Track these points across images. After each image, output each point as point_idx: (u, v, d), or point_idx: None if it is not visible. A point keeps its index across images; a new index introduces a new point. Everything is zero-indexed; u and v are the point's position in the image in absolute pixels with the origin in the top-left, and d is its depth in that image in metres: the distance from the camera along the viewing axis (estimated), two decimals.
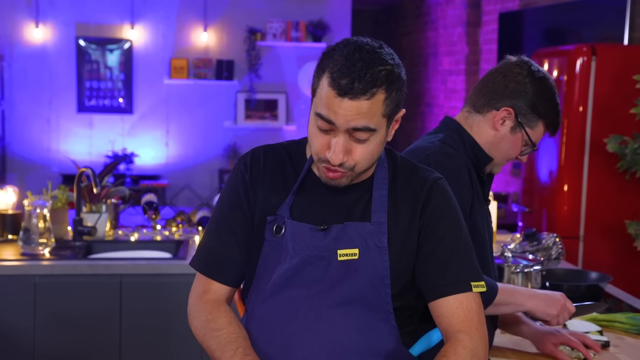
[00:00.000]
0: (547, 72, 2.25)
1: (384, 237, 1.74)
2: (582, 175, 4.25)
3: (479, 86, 2.27)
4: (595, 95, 4.20)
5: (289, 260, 1.75)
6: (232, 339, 1.75)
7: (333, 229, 1.74)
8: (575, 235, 4.27)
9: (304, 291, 1.74)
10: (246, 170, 1.83)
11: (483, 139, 2.24)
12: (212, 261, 1.83)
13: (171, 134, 7.92)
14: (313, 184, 1.80)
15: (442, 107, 7.72)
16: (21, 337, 3.36)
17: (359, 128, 1.65)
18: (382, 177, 1.79)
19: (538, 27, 6.12)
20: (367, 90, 1.63)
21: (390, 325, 1.76)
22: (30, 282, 3.36)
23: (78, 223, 3.70)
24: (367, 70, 1.63)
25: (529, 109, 2.19)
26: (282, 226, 1.77)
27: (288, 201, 1.78)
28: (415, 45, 8.62)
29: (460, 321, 1.74)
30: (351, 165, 1.70)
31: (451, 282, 1.75)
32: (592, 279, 3.04)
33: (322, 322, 1.73)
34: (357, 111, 1.63)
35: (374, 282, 1.74)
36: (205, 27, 7.82)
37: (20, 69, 7.67)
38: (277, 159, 1.83)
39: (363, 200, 1.78)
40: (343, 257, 1.73)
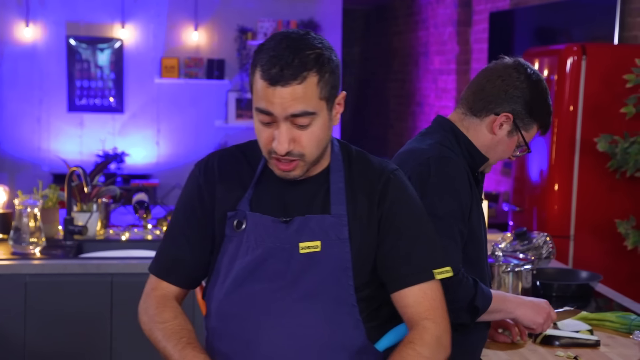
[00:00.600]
0: (539, 73, 2.26)
1: (344, 229, 1.75)
2: (573, 174, 4.26)
3: (476, 89, 2.24)
4: (586, 95, 4.21)
5: (250, 252, 1.76)
6: (177, 330, 1.78)
7: (295, 221, 1.75)
8: (565, 235, 4.28)
9: (266, 284, 1.75)
10: (200, 174, 1.85)
11: (480, 141, 2.23)
12: (164, 263, 1.87)
13: (162, 133, 7.91)
14: (271, 179, 1.80)
15: (432, 106, 7.73)
16: (12, 337, 3.35)
17: (297, 114, 1.67)
18: (338, 170, 1.80)
19: (529, 27, 6.14)
20: (298, 74, 1.65)
21: (355, 319, 1.77)
22: (21, 281, 3.35)
23: (69, 222, 3.69)
24: (294, 56, 1.66)
25: (527, 113, 2.20)
26: (242, 221, 1.77)
27: (247, 196, 1.79)
28: (406, 45, 8.63)
29: (425, 309, 1.76)
30: (300, 153, 1.71)
31: (414, 272, 1.77)
32: (582, 278, 3.05)
33: (286, 316, 1.74)
34: (292, 97, 1.66)
35: (337, 275, 1.75)
36: (196, 26, 7.81)
37: (10, 68, 7.64)
38: (232, 159, 1.85)
39: (321, 193, 1.79)
40: (305, 249, 1.74)
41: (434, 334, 1.74)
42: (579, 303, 2.81)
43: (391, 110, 9.09)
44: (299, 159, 1.72)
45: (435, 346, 1.74)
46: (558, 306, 2.73)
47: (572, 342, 2.31)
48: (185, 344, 1.76)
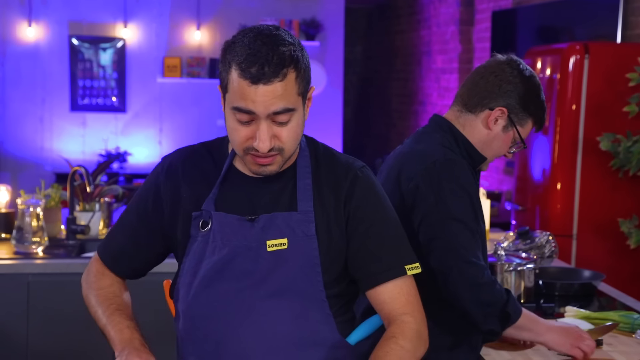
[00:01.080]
0: (532, 70, 2.29)
1: (311, 225, 1.74)
2: (575, 173, 4.26)
3: (470, 85, 2.27)
4: (588, 94, 4.20)
5: (217, 252, 1.75)
6: (109, 297, 1.84)
7: (261, 219, 1.74)
8: (568, 234, 4.28)
9: (234, 284, 1.74)
10: (162, 172, 1.84)
11: (476, 137, 2.25)
12: (110, 250, 1.90)
13: (164, 133, 7.92)
14: (236, 178, 1.79)
15: (435, 105, 7.72)
16: (14, 336, 3.36)
17: (279, 111, 1.66)
18: (305, 166, 1.79)
19: (531, 25, 6.13)
20: (279, 72, 1.63)
21: (325, 314, 1.76)
22: (24, 280, 3.35)
23: (71, 222, 3.70)
24: (272, 53, 1.63)
25: (521, 107, 2.23)
26: (208, 220, 1.76)
27: (212, 195, 1.77)
28: (408, 44, 8.62)
29: (402, 305, 1.77)
30: (279, 147, 1.69)
31: (386, 268, 1.77)
32: (585, 277, 3.05)
33: (255, 314, 1.73)
34: (274, 95, 1.64)
35: (305, 271, 1.74)
36: (199, 25, 7.81)
37: (13, 68, 7.65)
38: (197, 157, 1.84)
39: (288, 190, 1.78)
40: (272, 247, 1.73)
41: (413, 327, 1.75)
42: (582, 302, 2.81)
43: (393, 109, 9.09)
44: (278, 154, 1.70)
45: (416, 339, 1.75)
46: (561, 305, 2.73)
47: None
48: (114, 310, 1.80)
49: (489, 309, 2.06)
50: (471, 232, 2.09)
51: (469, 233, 2.08)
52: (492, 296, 2.02)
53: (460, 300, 2.06)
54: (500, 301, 2.06)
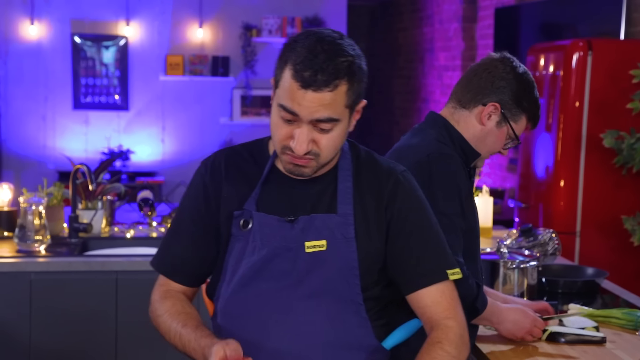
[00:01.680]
0: (526, 68, 2.33)
1: (350, 228, 1.75)
2: (579, 170, 4.25)
3: (464, 83, 2.33)
4: (592, 90, 4.19)
5: (257, 252, 1.75)
6: (173, 317, 1.80)
7: (300, 221, 1.75)
8: (571, 231, 4.27)
9: (272, 284, 1.75)
10: (206, 173, 1.85)
11: (470, 133, 2.29)
12: (168, 261, 1.87)
13: (167, 131, 7.91)
14: (278, 178, 1.80)
15: (438, 102, 7.71)
16: (17, 334, 3.36)
17: (322, 119, 1.67)
18: (346, 169, 1.80)
19: (534, 22, 6.12)
20: (330, 82, 1.64)
21: (361, 317, 1.77)
22: (26, 279, 3.35)
23: (74, 220, 3.69)
24: (329, 62, 1.64)
25: (514, 103, 2.27)
26: (249, 220, 1.77)
27: (254, 195, 1.78)
28: (411, 41, 8.61)
29: (445, 309, 1.77)
30: (316, 153, 1.70)
31: (428, 273, 1.77)
32: (588, 274, 3.04)
33: (292, 315, 1.74)
34: (320, 103, 1.65)
35: (343, 274, 1.74)
36: (201, 23, 7.80)
37: (15, 66, 7.65)
38: (239, 158, 1.85)
39: (328, 192, 1.78)
40: (310, 249, 1.74)
41: (457, 332, 1.75)
42: (585, 300, 2.80)
43: (396, 107, 9.08)
44: (313, 158, 1.71)
45: (460, 344, 1.75)
46: (564, 302, 2.72)
47: (578, 339, 2.31)
48: (181, 327, 1.76)
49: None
50: (454, 227, 2.11)
51: (453, 228, 2.10)
52: (463, 290, 2.03)
53: None
54: (470, 296, 2.11)
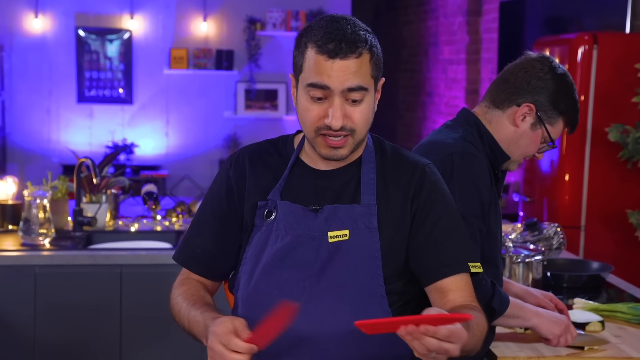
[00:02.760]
0: (566, 69, 2.24)
1: (373, 218, 1.76)
2: (584, 164, 4.24)
3: (499, 81, 2.25)
4: (597, 84, 4.18)
5: (280, 240, 1.76)
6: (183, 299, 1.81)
7: (325, 210, 1.76)
8: (576, 225, 4.26)
9: (295, 273, 1.75)
10: (230, 167, 1.86)
11: (502, 134, 2.22)
12: (189, 253, 1.89)
13: (171, 124, 7.91)
14: (302, 171, 1.82)
15: (442, 96, 7.70)
16: (21, 327, 3.36)
17: (353, 88, 1.69)
18: (370, 162, 1.81)
19: (539, 16, 6.10)
20: (355, 49, 1.68)
21: (384, 310, 1.76)
22: (31, 272, 3.36)
23: (78, 213, 3.69)
24: (350, 31, 1.69)
25: (550, 105, 2.18)
26: (272, 210, 1.78)
27: (278, 186, 1.80)
28: (415, 35, 8.59)
29: (469, 295, 1.77)
30: (351, 128, 1.72)
31: (452, 262, 1.77)
32: (593, 268, 3.03)
33: (314, 304, 1.74)
34: (350, 70, 1.68)
35: (366, 264, 1.74)
36: (205, 17, 7.79)
37: (20, 60, 7.65)
38: (263, 152, 1.87)
39: (352, 184, 1.79)
40: (333, 238, 1.74)
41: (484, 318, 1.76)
42: (590, 294, 2.80)
43: (400, 101, 9.06)
44: (349, 135, 1.72)
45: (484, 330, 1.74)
46: (569, 297, 2.72)
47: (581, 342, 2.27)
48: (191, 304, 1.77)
49: None
50: (472, 229, 2.04)
51: (471, 230, 2.04)
52: (480, 291, 1.99)
53: None
54: (485, 297, 2.03)
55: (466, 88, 7.06)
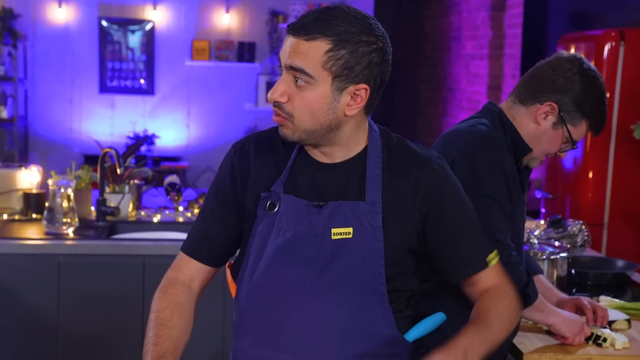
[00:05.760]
0: (598, 72, 2.21)
1: (378, 216, 1.72)
2: (608, 162, 4.21)
3: (527, 77, 2.24)
4: (623, 81, 4.15)
5: (282, 234, 1.74)
6: (155, 325, 1.77)
7: (329, 206, 1.73)
8: (599, 223, 4.24)
9: (296, 268, 1.73)
10: (235, 154, 1.84)
11: (524, 131, 2.21)
12: (194, 241, 1.86)
13: (192, 116, 7.92)
14: (306, 163, 1.78)
15: (464, 91, 7.67)
16: (45, 316, 3.38)
17: (295, 67, 1.67)
18: (376, 156, 1.76)
19: (564, 11, 6.06)
20: (309, 32, 1.66)
21: (384, 308, 1.74)
22: (55, 261, 3.37)
23: (101, 203, 3.71)
24: (319, 15, 1.67)
25: (574, 106, 2.17)
26: (275, 202, 1.75)
27: (282, 178, 1.77)
28: (438, 29, 8.56)
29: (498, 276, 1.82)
30: (288, 112, 1.69)
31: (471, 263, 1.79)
32: (618, 267, 3.01)
33: (314, 302, 1.72)
34: (295, 48, 1.67)
35: (368, 263, 1.72)
36: (227, 8, 7.80)
37: (42, 49, 7.68)
38: (268, 142, 1.83)
39: (356, 178, 1.75)
40: (337, 235, 1.72)
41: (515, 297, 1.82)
42: (615, 292, 2.78)
43: (422, 96, 9.04)
44: (287, 118, 1.70)
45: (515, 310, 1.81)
46: (593, 294, 2.70)
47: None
48: (151, 344, 1.74)
49: None
50: (503, 211, 2.06)
51: (501, 212, 2.06)
52: (514, 277, 2.00)
53: None
54: (521, 282, 2.06)
55: (488, 84, 7.03)
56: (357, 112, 1.72)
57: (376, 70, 1.69)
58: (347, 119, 1.72)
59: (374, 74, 1.69)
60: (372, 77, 1.69)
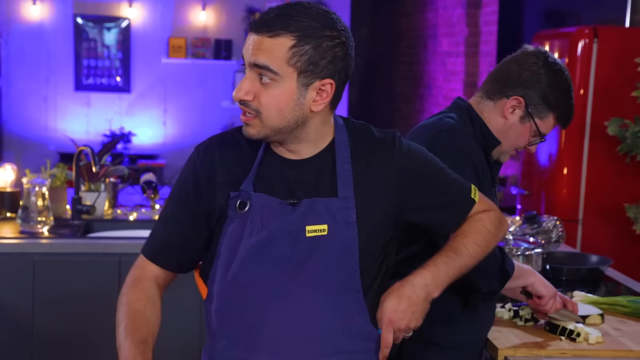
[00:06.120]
0: (564, 65, 2.23)
1: (352, 212, 1.72)
2: (582, 158, 4.25)
3: (494, 73, 2.27)
4: (596, 78, 4.18)
5: (255, 234, 1.71)
6: (128, 316, 1.78)
7: (303, 204, 1.72)
8: (574, 219, 4.27)
9: (271, 268, 1.71)
10: (198, 158, 1.80)
11: (492, 125, 2.24)
12: (155, 245, 1.83)
13: (169, 114, 7.90)
14: (274, 160, 1.76)
15: (441, 89, 7.70)
16: (20, 315, 3.36)
17: (259, 64, 1.66)
18: (344, 151, 1.76)
19: (538, 9, 6.10)
20: (272, 28, 1.65)
21: (360, 305, 1.75)
22: (29, 260, 3.35)
23: (77, 202, 3.69)
24: (281, 13, 1.66)
25: (540, 99, 2.19)
26: (246, 201, 1.73)
27: (250, 176, 1.74)
28: (414, 27, 8.58)
29: (485, 208, 1.91)
30: (256, 109, 1.68)
31: (460, 212, 1.86)
32: (592, 262, 3.04)
33: (291, 300, 1.72)
34: (258, 46, 1.66)
35: (343, 259, 1.72)
36: (204, 5, 7.77)
37: (17, 47, 7.62)
38: (232, 142, 1.80)
39: (326, 174, 1.75)
40: (311, 233, 1.71)
41: (497, 215, 1.90)
42: (589, 287, 2.81)
43: (398, 93, 9.06)
44: (254, 116, 1.69)
45: (498, 225, 1.89)
46: (568, 290, 2.73)
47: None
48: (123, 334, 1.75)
49: (489, 272, 2.08)
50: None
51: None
52: (490, 260, 2.01)
53: None
54: (497, 262, 2.09)
55: (465, 81, 7.06)
56: (323, 107, 1.72)
57: (340, 64, 1.70)
58: (314, 115, 1.72)
59: (338, 68, 1.70)
60: (337, 71, 1.70)
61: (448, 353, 2.19)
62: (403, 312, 1.70)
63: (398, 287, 1.73)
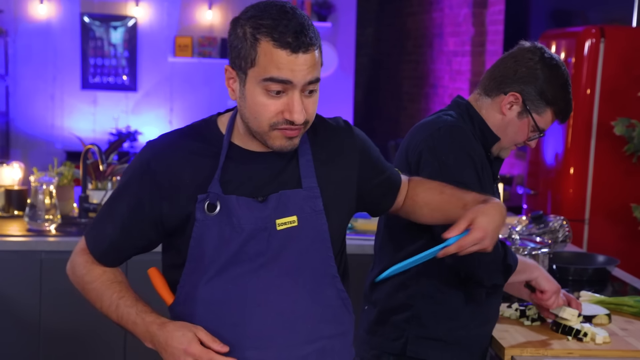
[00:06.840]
0: (560, 60, 2.24)
1: (318, 201, 1.75)
2: (589, 158, 4.24)
3: (491, 70, 2.28)
4: (603, 78, 4.18)
5: (230, 235, 1.70)
6: (106, 286, 1.77)
7: (271, 199, 1.71)
8: (580, 218, 4.27)
9: (248, 265, 1.71)
10: (153, 157, 1.73)
11: (491, 122, 2.25)
12: (99, 242, 1.80)
13: (175, 113, 7.91)
14: (237, 157, 1.74)
15: (446, 88, 7.69)
16: (27, 313, 3.37)
17: (313, 80, 1.66)
18: (303, 142, 1.77)
19: (545, 8, 6.09)
20: (313, 41, 1.65)
21: (337, 289, 1.79)
22: (37, 258, 3.36)
23: (84, 200, 3.70)
24: (305, 23, 1.65)
25: (537, 95, 2.20)
26: (215, 204, 1.69)
27: (216, 176, 1.71)
28: (420, 26, 8.58)
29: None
30: (306, 121, 1.69)
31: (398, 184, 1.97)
32: (599, 262, 3.04)
33: (271, 293, 1.72)
34: (311, 63, 1.64)
35: (316, 247, 1.75)
36: (210, 5, 7.78)
37: (24, 45, 7.64)
38: (189, 140, 1.76)
39: (291, 167, 1.76)
40: (282, 226, 1.72)
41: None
42: (596, 287, 2.80)
43: (404, 92, 9.06)
44: (303, 127, 1.70)
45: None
46: (574, 290, 2.73)
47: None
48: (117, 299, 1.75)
49: (492, 266, 2.10)
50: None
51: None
52: (492, 254, 2.01)
53: (463, 263, 2.07)
54: (499, 256, 2.10)
55: (471, 80, 7.05)
56: None
57: None
58: None
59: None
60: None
61: (452, 348, 2.20)
62: (494, 231, 1.80)
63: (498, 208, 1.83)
